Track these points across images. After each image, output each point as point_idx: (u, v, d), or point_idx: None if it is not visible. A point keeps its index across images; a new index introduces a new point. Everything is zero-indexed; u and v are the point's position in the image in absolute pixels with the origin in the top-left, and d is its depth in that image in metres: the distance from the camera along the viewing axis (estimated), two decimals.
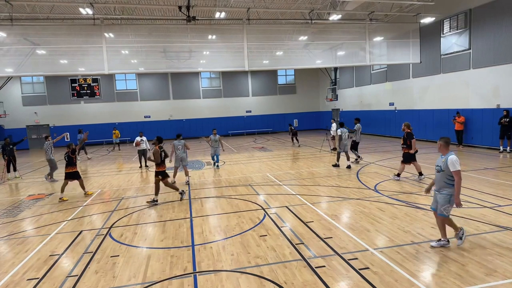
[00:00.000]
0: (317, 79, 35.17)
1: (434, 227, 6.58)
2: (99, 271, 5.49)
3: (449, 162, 5.38)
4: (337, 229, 6.78)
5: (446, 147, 5.55)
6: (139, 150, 15.47)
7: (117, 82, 30.89)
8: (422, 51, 18.65)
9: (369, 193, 9.31)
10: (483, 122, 16.49)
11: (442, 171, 5.49)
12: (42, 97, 29.50)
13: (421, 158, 14.43)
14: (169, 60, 18.24)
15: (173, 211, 8.69)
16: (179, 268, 5.45)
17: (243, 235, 6.74)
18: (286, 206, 8.51)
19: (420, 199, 8.50)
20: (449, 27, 17.91)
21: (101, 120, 30.36)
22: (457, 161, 5.36)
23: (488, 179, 10.30)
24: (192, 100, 32.41)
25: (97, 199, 10.31)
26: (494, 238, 5.94)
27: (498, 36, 15.42)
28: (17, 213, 9.27)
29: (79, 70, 17.34)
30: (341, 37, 18.89)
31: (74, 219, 8.43)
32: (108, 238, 6.96)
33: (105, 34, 15.22)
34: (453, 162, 5.35)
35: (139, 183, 12.41)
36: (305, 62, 19.85)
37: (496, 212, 7.28)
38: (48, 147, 13.60)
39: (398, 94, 23.03)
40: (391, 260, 5.30)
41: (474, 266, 5.01)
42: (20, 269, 5.73)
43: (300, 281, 4.85)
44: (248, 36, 16.44)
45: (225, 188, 10.92)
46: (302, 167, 13.71)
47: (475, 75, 16.82)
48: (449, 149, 5.56)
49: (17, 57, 15.61)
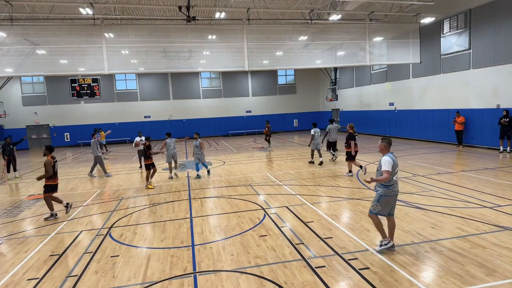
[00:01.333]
0: (317, 79, 35.18)
1: (434, 227, 6.59)
2: (99, 271, 5.49)
3: (382, 162, 5.39)
4: (337, 229, 6.78)
5: (388, 148, 5.56)
6: (139, 150, 15.46)
7: (117, 82, 30.89)
8: (422, 51, 18.65)
9: (369, 193, 9.31)
10: (483, 122, 16.49)
11: (377, 170, 5.56)
12: (42, 97, 29.51)
13: (421, 158, 14.46)
14: (169, 60, 18.25)
15: (173, 211, 8.69)
16: (179, 268, 5.45)
17: (243, 235, 6.74)
18: (286, 206, 8.52)
19: (420, 199, 8.50)
20: (449, 27, 17.92)
21: (101, 120, 30.34)
22: (388, 162, 5.33)
23: (488, 179, 10.30)
24: (192, 100, 32.42)
25: (97, 199, 10.31)
26: (494, 238, 5.94)
27: (498, 36, 15.43)
28: (17, 213, 9.27)
29: (79, 70, 17.35)
30: (341, 37, 18.90)
31: (74, 219, 8.43)
32: (108, 238, 6.96)
33: (105, 34, 15.23)
34: (384, 161, 5.37)
35: (139, 183, 12.41)
36: (305, 62, 19.85)
37: (496, 212, 7.28)
38: (95, 144, 13.97)
39: (398, 94, 23.04)
40: (391, 260, 5.30)
41: (474, 266, 5.01)
42: (20, 269, 5.73)
43: (300, 281, 4.85)
44: (248, 36, 16.45)
45: (225, 188, 10.92)
46: (302, 167, 13.71)
47: (475, 75, 16.82)
48: (389, 150, 5.57)
49: (17, 57, 15.62)
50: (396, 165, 5.45)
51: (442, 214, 7.29)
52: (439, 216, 7.21)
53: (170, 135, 13.48)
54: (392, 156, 5.44)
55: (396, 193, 5.54)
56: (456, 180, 10.37)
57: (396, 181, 5.48)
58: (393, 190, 5.46)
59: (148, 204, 9.47)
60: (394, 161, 5.39)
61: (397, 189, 5.54)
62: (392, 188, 5.43)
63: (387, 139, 5.61)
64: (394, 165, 5.37)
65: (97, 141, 14.15)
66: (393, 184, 5.42)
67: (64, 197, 10.68)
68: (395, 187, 5.48)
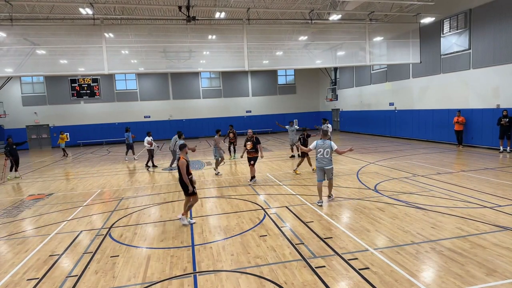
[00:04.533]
0: (317, 79, 35.18)
1: (434, 227, 6.59)
2: (99, 271, 5.49)
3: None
4: (337, 229, 6.78)
5: (322, 136, 8.55)
6: (149, 149, 15.54)
7: (117, 82, 30.88)
8: (422, 51, 18.64)
9: (369, 193, 9.31)
10: (483, 122, 16.49)
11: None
12: (42, 97, 29.51)
13: (421, 158, 14.46)
14: (169, 60, 18.23)
15: (173, 211, 8.69)
16: (179, 268, 5.45)
17: (243, 235, 6.74)
18: (286, 206, 8.51)
19: (420, 199, 8.49)
20: (449, 27, 17.92)
21: (101, 120, 30.38)
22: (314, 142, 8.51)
23: (488, 179, 10.30)
24: (192, 100, 32.42)
25: (97, 199, 10.31)
26: (494, 238, 5.94)
27: (498, 36, 15.42)
28: (17, 213, 9.27)
29: (79, 70, 17.33)
30: (341, 37, 18.87)
31: (74, 219, 8.43)
32: (108, 238, 6.96)
33: (105, 34, 15.21)
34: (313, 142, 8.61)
35: (139, 183, 12.41)
36: (305, 62, 19.83)
37: (496, 212, 7.28)
38: (175, 141, 14.30)
39: (398, 94, 23.03)
40: (391, 260, 5.30)
41: (474, 266, 5.01)
42: (20, 269, 5.72)
43: (300, 281, 4.85)
44: (248, 36, 16.43)
45: (225, 188, 10.92)
46: (302, 167, 13.70)
47: (475, 75, 16.82)
48: (322, 138, 8.49)
49: (17, 57, 15.60)
50: (319, 146, 8.35)
51: (442, 214, 7.29)
52: (439, 216, 7.21)
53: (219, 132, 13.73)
54: (319, 141, 8.42)
55: (321, 166, 8.36)
56: (456, 180, 10.37)
57: (320, 158, 8.35)
58: (319, 163, 8.40)
59: (148, 204, 9.46)
60: (317, 144, 8.40)
61: (321, 164, 8.34)
62: (317, 162, 8.44)
63: (322, 130, 8.70)
64: (317, 146, 8.40)
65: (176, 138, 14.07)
66: (317, 160, 8.42)
67: (64, 197, 10.72)
68: (319, 162, 8.38)
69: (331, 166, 8.36)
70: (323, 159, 8.32)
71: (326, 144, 8.32)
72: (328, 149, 8.27)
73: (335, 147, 8.31)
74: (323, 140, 8.34)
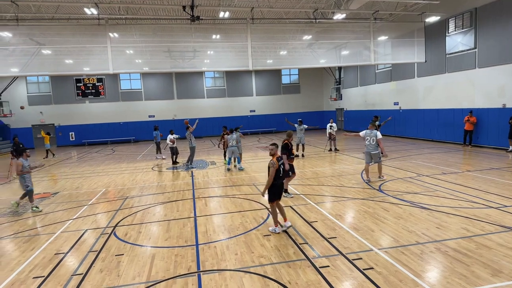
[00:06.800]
0: (321, 79, 35.09)
1: (439, 227, 6.55)
2: (103, 270, 5.53)
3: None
4: (341, 229, 6.76)
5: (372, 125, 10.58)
6: (172, 147, 15.91)
7: (121, 81, 31.01)
8: (427, 50, 18.53)
9: (373, 193, 9.28)
10: (489, 122, 16.35)
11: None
12: (47, 96, 29.70)
13: (426, 158, 14.38)
14: (173, 59, 18.31)
15: (177, 210, 8.72)
16: (183, 267, 5.47)
17: (247, 234, 6.75)
18: (290, 205, 8.51)
19: (425, 199, 8.45)
20: (455, 26, 17.78)
21: (106, 119, 30.52)
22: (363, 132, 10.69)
23: (494, 179, 10.22)
24: (196, 100, 32.47)
25: (102, 198, 10.37)
26: (499, 239, 5.90)
27: (504, 35, 15.28)
28: (23, 211, 9.35)
29: (84, 70, 17.45)
30: (346, 36, 18.84)
31: (79, 218, 8.49)
32: (112, 237, 7.00)
33: (110, 34, 15.30)
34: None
35: (143, 182, 12.46)
36: (309, 62, 19.82)
37: (502, 213, 7.22)
38: (190, 136, 14.62)
39: (402, 93, 22.91)
40: (395, 260, 5.28)
41: (479, 266, 4.98)
42: (26, 267, 5.78)
43: (304, 280, 4.84)
44: (252, 36, 16.44)
45: (229, 188, 10.93)
46: (306, 167, 13.69)
47: (480, 74, 16.68)
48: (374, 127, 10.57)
49: (22, 57, 15.75)
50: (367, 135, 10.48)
51: (447, 214, 7.25)
52: (444, 216, 7.16)
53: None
54: (368, 130, 10.51)
55: (368, 151, 10.57)
56: (462, 180, 10.30)
57: (368, 144, 10.45)
58: (367, 148, 10.55)
59: (153, 203, 9.50)
60: (366, 132, 10.53)
61: (368, 149, 10.53)
62: (366, 147, 10.61)
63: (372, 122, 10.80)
64: (365, 134, 10.54)
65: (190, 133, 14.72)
66: (366, 146, 10.57)
67: (69, 196, 10.79)
68: (367, 147, 10.56)
69: (376, 151, 10.31)
70: (370, 145, 10.38)
71: (373, 133, 10.30)
72: (374, 137, 10.25)
73: (380, 136, 10.25)
74: (370, 130, 10.35)
